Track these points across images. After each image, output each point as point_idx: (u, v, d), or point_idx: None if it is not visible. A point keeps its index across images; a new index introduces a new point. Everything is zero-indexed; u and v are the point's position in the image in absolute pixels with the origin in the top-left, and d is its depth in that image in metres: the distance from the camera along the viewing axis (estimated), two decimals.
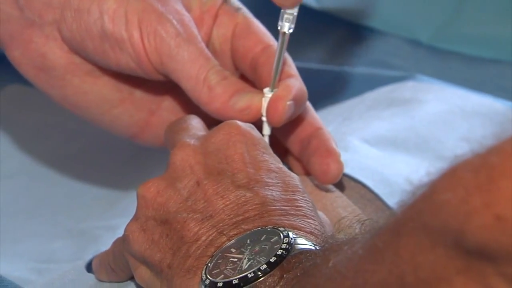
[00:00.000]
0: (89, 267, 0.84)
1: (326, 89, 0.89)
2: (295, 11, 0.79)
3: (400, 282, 0.59)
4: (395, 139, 0.88)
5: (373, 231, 0.64)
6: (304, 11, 0.80)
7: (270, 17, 0.86)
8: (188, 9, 0.84)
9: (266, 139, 0.81)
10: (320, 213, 0.75)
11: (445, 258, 0.56)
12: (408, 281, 0.58)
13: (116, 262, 0.80)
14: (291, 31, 0.80)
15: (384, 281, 0.60)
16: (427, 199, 0.58)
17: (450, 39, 1.03)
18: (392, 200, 0.82)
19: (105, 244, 0.84)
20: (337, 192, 0.82)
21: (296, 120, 0.83)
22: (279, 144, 0.84)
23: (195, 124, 0.81)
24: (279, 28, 0.80)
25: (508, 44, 1.00)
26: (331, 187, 0.82)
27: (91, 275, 0.83)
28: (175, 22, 0.82)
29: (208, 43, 0.85)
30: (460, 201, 0.54)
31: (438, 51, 1.01)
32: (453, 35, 1.03)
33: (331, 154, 0.81)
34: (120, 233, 0.78)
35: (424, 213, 0.57)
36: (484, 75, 0.99)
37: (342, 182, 0.82)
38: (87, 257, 0.85)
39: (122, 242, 0.78)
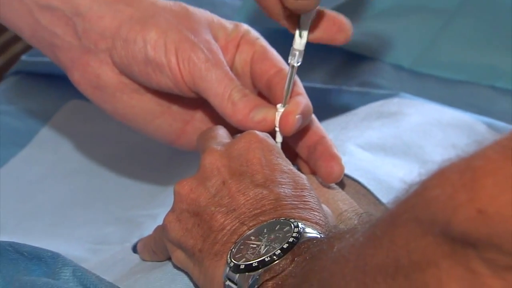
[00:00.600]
0: (134, 249, 0.83)
1: (327, 105, 0.88)
2: (302, 48, 0.80)
3: (395, 264, 0.58)
4: (384, 145, 0.87)
5: (371, 222, 0.63)
6: (310, 42, 0.79)
7: (282, 46, 0.84)
8: (216, 39, 0.83)
9: (279, 145, 0.80)
10: (323, 206, 0.74)
11: (434, 245, 0.55)
12: (402, 263, 0.57)
13: (156, 246, 0.80)
14: (299, 64, 0.80)
15: (382, 263, 0.59)
16: (419, 195, 0.57)
17: (427, 65, 1.03)
18: (381, 194, 0.81)
19: (148, 230, 0.83)
20: (337, 188, 0.81)
21: (303, 130, 0.82)
22: (290, 149, 0.82)
23: (221, 133, 0.81)
24: (289, 61, 0.80)
25: (475, 69, 1.00)
26: (332, 184, 0.81)
27: (136, 256, 0.82)
28: (205, 50, 0.81)
29: (232, 67, 0.83)
30: (448, 197, 0.53)
31: (418, 74, 1.01)
32: (429, 61, 1.03)
33: (334, 158, 0.81)
34: (159, 221, 0.77)
35: (416, 207, 0.56)
36: (456, 94, 0.99)
37: (341, 180, 0.81)
38: (133, 241, 0.84)
39: (161, 230, 0.77)
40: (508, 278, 0.52)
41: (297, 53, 0.80)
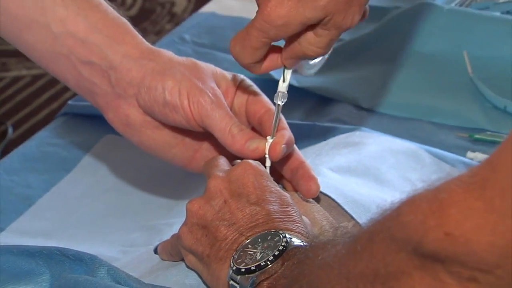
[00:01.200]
0: (155, 251, 0.83)
1: (305, 137, 0.89)
2: (285, 90, 0.81)
3: (374, 273, 0.58)
4: (349, 168, 0.87)
5: (351, 237, 0.64)
6: (290, 87, 0.80)
7: (269, 91, 0.85)
8: (219, 86, 0.84)
9: (268, 169, 0.81)
10: (303, 217, 0.75)
11: (407, 259, 0.55)
12: (380, 273, 0.57)
13: (173, 250, 0.80)
14: (283, 103, 0.81)
15: (362, 272, 0.59)
16: (394, 219, 0.57)
17: (381, 105, 1.03)
18: (347, 206, 0.81)
19: (166, 235, 0.84)
20: (314, 202, 0.82)
21: (287, 156, 0.82)
22: (276, 172, 0.83)
23: (222, 162, 0.81)
24: (275, 101, 0.81)
25: (418, 108, 1.01)
26: (310, 199, 0.82)
27: (157, 256, 0.83)
28: (210, 95, 0.81)
29: (231, 108, 0.84)
30: (419, 222, 0.54)
31: (374, 113, 1.01)
32: (383, 102, 1.03)
33: (312, 179, 0.81)
34: (175, 228, 0.79)
35: (392, 228, 0.57)
36: (403, 128, 0.99)
37: (317, 196, 0.82)
38: (154, 244, 0.84)
39: (177, 238, 0.78)
40: (470, 287, 0.52)
41: (280, 94, 0.80)
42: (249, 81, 0.85)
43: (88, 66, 0.85)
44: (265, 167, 0.80)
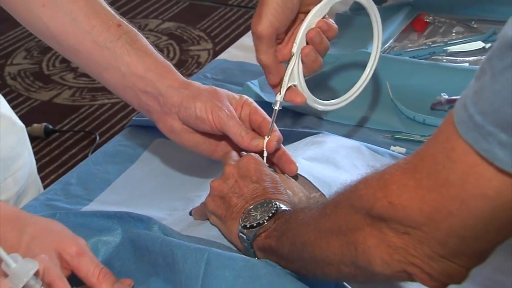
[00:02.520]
0: (190, 213, 0.79)
1: (286, 138, 0.83)
2: (281, 99, 0.77)
3: (338, 228, 0.56)
4: (316, 157, 0.82)
5: (322, 204, 0.61)
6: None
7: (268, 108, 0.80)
8: (231, 104, 0.79)
9: (265, 159, 0.77)
10: (288, 190, 0.72)
11: (361, 219, 0.54)
12: (342, 228, 0.56)
13: (202, 212, 0.77)
14: (279, 108, 0.77)
15: (330, 227, 0.57)
16: (353, 192, 0.55)
17: (334, 117, 1.00)
18: (315, 182, 0.77)
19: (197, 203, 0.80)
20: (293, 180, 0.77)
21: (276, 150, 0.78)
22: (269, 160, 0.78)
23: (234, 154, 0.78)
24: (272, 106, 0.77)
25: (358, 119, 0.98)
26: (291, 177, 0.77)
27: (191, 217, 0.78)
28: (226, 110, 0.78)
29: (240, 118, 0.79)
30: (371, 194, 0.52)
31: (331, 122, 0.98)
32: (336, 115, 0.99)
33: (292, 163, 0.78)
34: (203, 199, 0.76)
35: (351, 199, 0.55)
36: (349, 131, 0.98)
37: (296, 175, 0.78)
38: (189, 209, 0.80)
39: (204, 205, 0.75)
40: (404, 237, 0.50)
41: (278, 102, 0.77)
42: (250, 100, 0.81)
43: (145, 94, 0.81)
44: (263, 157, 0.76)
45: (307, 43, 0.75)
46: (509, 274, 0.71)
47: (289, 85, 0.76)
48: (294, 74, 0.76)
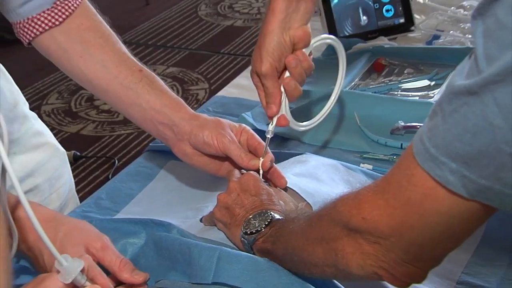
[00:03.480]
0: (201, 220, 0.78)
1: (276, 158, 0.82)
2: (273, 128, 0.77)
3: (322, 237, 0.55)
4: (301, 173, 0.82)
5: (308, 216, 0.60)
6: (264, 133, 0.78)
7: (260, 134, 0.80)
8: (232, 131, 0.79)
9: (260, 175, 0.76)
10: (280, 201, 0.71)
11: (340, 230, 0.52)
12: (325, 237, 0.54)
13: (210, 220, 0.75)
14: (271, 136, 0.77)
15: (315, 236, 0.56)
16: (333, 208, 0.54)
17: (314, 141, 0.97)
18: (302, 194, 0.76)
19: (205, 213, 0.78)
20: (284, 192, 0.76)
21: (270, 168, 0.77)
22: (264, 176, 0.77)
23: (237, 172, 0.77)
24: (266, 134, 0.77)
25: (333, 141, 0.96)
26: (282, 190, 0.76)
27: (201, 224, 0.77)
28: (228, 137, 0.77)
29: (239, 142, 0.79)
30: (347, 211, 0.51)
31: (312, 145, 0.96)
32: (315, 139, 0.98)
33: (282, 177, 0.77)
34: (210, 209, 0.75)
35: (332, 214, 0.54)
36: (327, 153, 0.95)
37: (285, 188, 0.77)
38: (199, 216, 0.79)
39: (212, 214, 0.74)
40: (375, 246, 0.50)
41: (270, 131, 0.76)
42: (248, 128, 0.81)
43: (162, 125, 0.81)
44: (259, 174, 0.75)
45: (289, 73, 0.72)
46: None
47: (278, 115, 0.76)
48: (281, 107, 0.75)
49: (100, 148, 2.43)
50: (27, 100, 0.93)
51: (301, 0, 0.69)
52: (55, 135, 0.98)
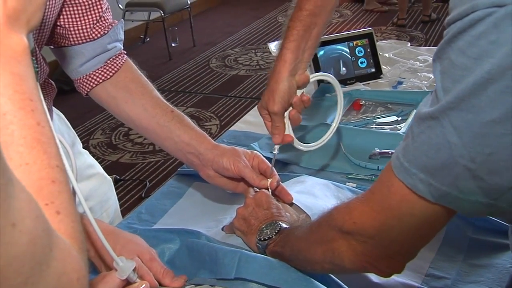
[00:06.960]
0: (222, 229, 0.77)
1: (281, 179, 0.81)
2: (278, 148, 0.75)
3: (321, 239, 0.53)
4: (301, 191, 0.81)
5: (309, 224, 0.59)
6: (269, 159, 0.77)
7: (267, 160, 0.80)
8: (245, 157, 0.78)
9: (270, 193, 0.75)
10: (287, 213, 0.70)
11: (335, 233, 0.52)
12: (324, 239, 0.53)
13: (231, 229, 0.74)
14: (277, 153, 0.76)
15: (315, 239, 0.55)
16: (329, 216, 0.53)
17: (310, 165, 0.96)
18: (303, 207, 0.75)
19: (226, 223, 0.78)
20: (289, 206, 0.76)
21: (277, 186, 0.77)
22: (274, 193, 0.77)
23: (252, 191, 0.76)
24: (272, 151, 0.76)
25: (324, 166, 0.95)
26: (288, 205, 0.76)
27: (223, 232, 0.77)
28: (242, 162, 0.77)
29: (252, 166, 0.78)
30: (341, 218, 0.50)
31: (308, 168, 0.94)
32: (310, 163, 0.96)
33: (288, 194, 0.76)
34: (229, 220, 0.75)
35: (329, 221, 0.54)
36: (320, 174, 0.93)
37: (291, 203, 0.76)
38: (221, 226, 0.78)
39: (232, 224, 0.73)
40: (363, 245, 0.49)
41: (275, 153, 0.76)
42: (258, 154, 0.80)
43: (190, 154, 0.81)
44: (269, 191, 0.75)
45: (292, 107, 0.74)
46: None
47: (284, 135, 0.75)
48: (287, 130, 0.75)
49: (135, 172, 2.44)
50: (78, 136, 0.95)
51: (305, 51, 0.71)
52: (100, 163, 0.99)
